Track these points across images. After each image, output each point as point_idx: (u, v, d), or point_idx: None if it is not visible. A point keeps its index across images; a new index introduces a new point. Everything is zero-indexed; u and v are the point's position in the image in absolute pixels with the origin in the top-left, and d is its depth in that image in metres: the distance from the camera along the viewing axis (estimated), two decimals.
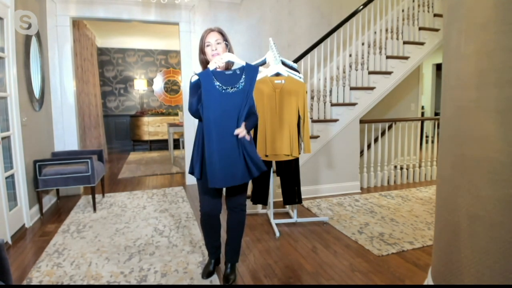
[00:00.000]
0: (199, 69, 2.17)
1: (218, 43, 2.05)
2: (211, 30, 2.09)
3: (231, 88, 1.98)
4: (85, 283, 2.18)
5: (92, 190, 3.63)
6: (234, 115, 1.98)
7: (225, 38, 2.09)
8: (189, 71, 4.62)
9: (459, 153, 1.56)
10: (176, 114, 8.47)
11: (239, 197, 2.19)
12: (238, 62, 2.05)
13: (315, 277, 2.26)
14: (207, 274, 2.25)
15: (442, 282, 1.73)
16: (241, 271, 2.34)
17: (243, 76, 2.01)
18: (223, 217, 2.35)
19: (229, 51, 2.11)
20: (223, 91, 1.96)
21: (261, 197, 3.16)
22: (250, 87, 2.01)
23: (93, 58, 6.58)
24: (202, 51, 2.10)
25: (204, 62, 2.12)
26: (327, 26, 4.87)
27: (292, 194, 3.17)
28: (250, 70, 2.03)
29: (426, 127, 5.67)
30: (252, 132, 2.97)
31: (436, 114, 8.80)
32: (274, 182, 3.44)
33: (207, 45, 2.06)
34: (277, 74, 3.00)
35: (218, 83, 1.96)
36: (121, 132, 8.60)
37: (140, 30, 6.69)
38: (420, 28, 4.52)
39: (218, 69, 2.01)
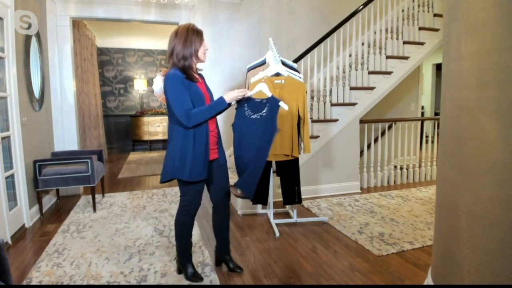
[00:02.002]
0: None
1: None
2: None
3: (255, 114, 2.28)
4: (85, 283, 2.18)
5: (92, 190, 3.63)
6: (255, 139, 2.23)
7: None
8: None
9: (459, 153, 1.56)
10: None
11: (225, 188, 2.27)
12: (267, 93, 2.30)
13: (315, 277, 2.26)
14: (200, 278, 2.22)
15: (442, 282, 1.74)
16: None
17: (266, 107, 2.27)
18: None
19: None
20: (250, 116, 2.28)
21: (261, 197, 3.16)
22: (272, 118, 2.24)
23: (93, 58, 6.58)
24: (196, 50, 2.16)
25: (190, 57, 2.15)
26: (327, 26, 4.86)
27: (292, 194, 3.17)
28: (272, 102, 2.27)
29: (426, 127, 5.67)
30: None
31: (436, 114, 8.79)
32: (274, 182, 3.44)
33: (207, 49, 2.21)
34: (277, 74, 3.00)
35: (247, 109, 2.29)
36: (121, 132, 8.60)
37: (140, 30, 6.68)
38: (420, 28, 4.52)
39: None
